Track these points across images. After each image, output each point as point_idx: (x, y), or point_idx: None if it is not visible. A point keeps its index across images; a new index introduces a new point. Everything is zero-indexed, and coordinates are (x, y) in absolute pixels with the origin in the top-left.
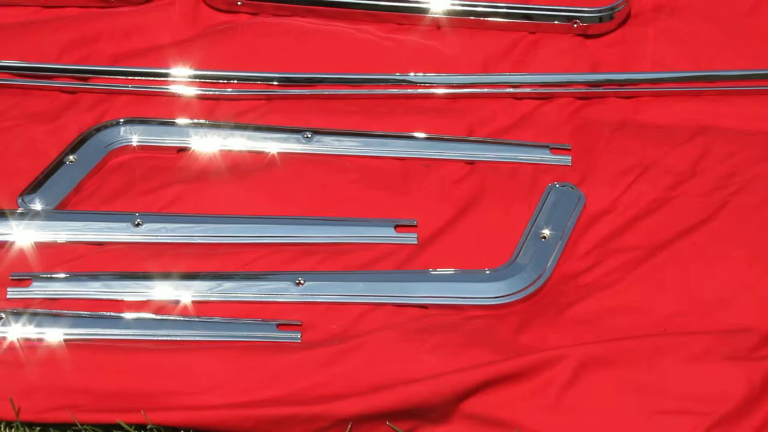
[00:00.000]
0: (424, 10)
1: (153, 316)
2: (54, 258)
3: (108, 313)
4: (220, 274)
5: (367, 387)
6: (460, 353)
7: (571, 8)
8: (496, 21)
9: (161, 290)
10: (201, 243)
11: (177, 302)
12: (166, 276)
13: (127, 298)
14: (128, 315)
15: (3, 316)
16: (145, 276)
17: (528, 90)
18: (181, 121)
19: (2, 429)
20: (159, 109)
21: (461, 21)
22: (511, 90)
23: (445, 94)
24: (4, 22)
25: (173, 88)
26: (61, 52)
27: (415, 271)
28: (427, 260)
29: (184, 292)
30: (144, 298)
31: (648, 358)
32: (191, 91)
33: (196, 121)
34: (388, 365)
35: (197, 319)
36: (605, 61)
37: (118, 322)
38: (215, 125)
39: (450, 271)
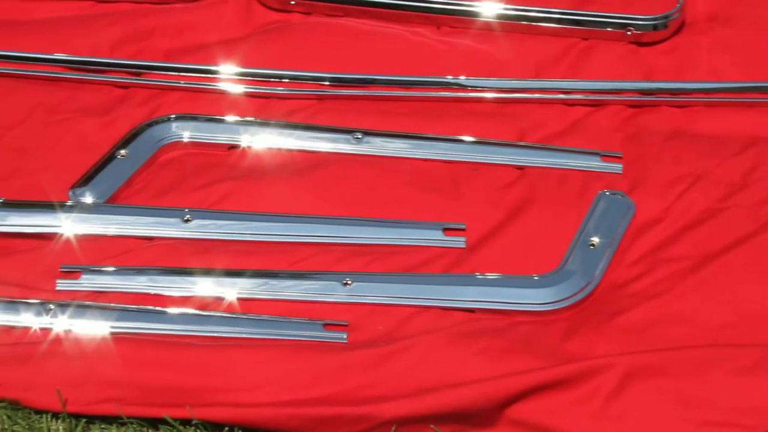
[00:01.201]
0: (477, 14)
1: (200, 312)
2: (103, 251)
3: (155, 308)
4: (267, 272)
5: (412, 389)
6: (506, 358)
7: (626, 15)
8: (550, 26)
9: (208, 286)
10: (250, 240)
11: (224, 299)
12: (213, 272)
13: (174, 294)
14: (175, 310)
15: (52, 307)
16: (193, 272)
17: (580, 96)
18: (232, 118)
19: (49, 420)
20: (210, 105)
21: (514, 25)
22: (562, 96)
23: (496, 98)
24: (58, 16)
25: (224, 86)
26: (114, 46)
27: (462, 275)
28: (474, 264)
29: (232, 289)
30: (191, 294)
31: (696, 370)
32: (242, 89)
33: (247, 118)
34: (434, 368)
35: (244, 317)
36: (658, 70)
37: (165, 317)
38: (266, 123)
39: (498, 275)
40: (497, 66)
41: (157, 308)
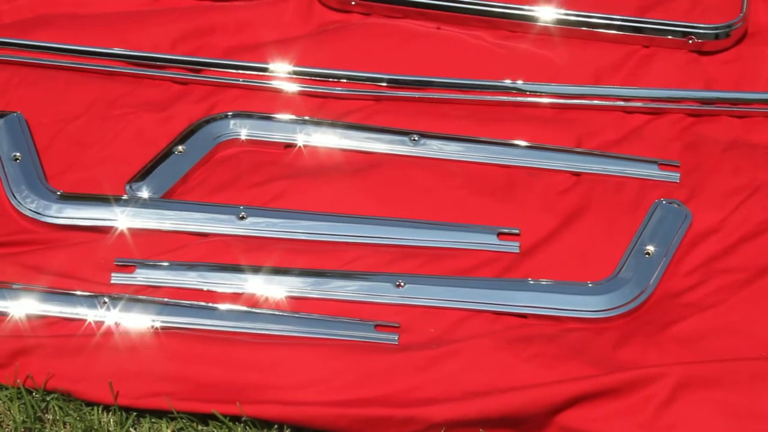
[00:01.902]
0: (537, 19)
1: (252, 309)
2: (157, 246)
3: (208, 304)
4: (320, 272)
5: (462, 393)
6: (557, 365)
7: (687, 24)
8: (610, 33)
9: (260, 284)
10: (303, 239)
11: (275, 297)
12: (266, 270)
13: (226, 291)
14: (227, 307)
15: (106, 300)
16: (245, 269)
17: (639, 104)
18: (289, 117)
19: (99, 412)
20: (268, 104)
21: (574, 31)
22: (621, 103)
23: (554, 103)
24: (119, 11)
25: (282, 84)
26: (174, 42)
27: (515, 280)
28: (528, 269)
29: (283, 287)
30: (242, 291)
31: (748, 382)
32: (300, 88)
33: (303, 118)
34: (485, 372)
35: (295, 315)
36: (719, 79)
37: (217, 313)
38: (323, 123)
39: (551, 281)
40: (556, 71)
41: (210, 304)
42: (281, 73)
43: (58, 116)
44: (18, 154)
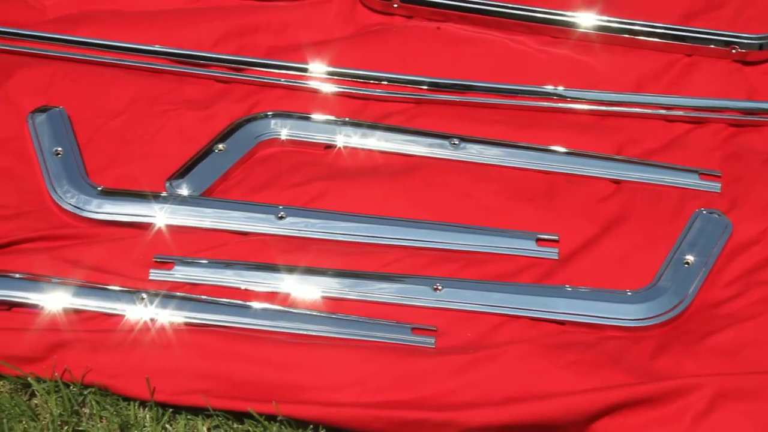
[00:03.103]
0: (579, 25)
1: (288, 309)
2: (196, 244)
3: (245, 303)
4: (358, 273)
5: (498, 398)
6: (594, 373)
7: (731, 33)
8: (653, 41)
9: (298, 284)
10: (341, 240)
11: (312, 297)
12: (304, 270)
13: (263, 290)
14: (264, 306)
15: (144, 296)
16: (283, 269)
17: (680, 113)
18: (329, 118)
19: (136, 408)
20: (308, 104)
21: (616, 38)
22: (663, 112)
23: (595, 110)
24: (163, 8)
25: (323, 85)
26: (217, 41)
27: (553, 287)
28: (566, 276)
29: (321, 288)
30: (280, 291)
31: None
32: (341, 89)
33: (344, 119)
34: (521, 379)
35: (332, 316)
36: (762, 89)
37: (254, 312)
38: (363, 125)
39: (590, 289)
40: (597, 78)
41: (247, 303)
42: (322, 74)
43: (101, 112)
44: (60, 148)
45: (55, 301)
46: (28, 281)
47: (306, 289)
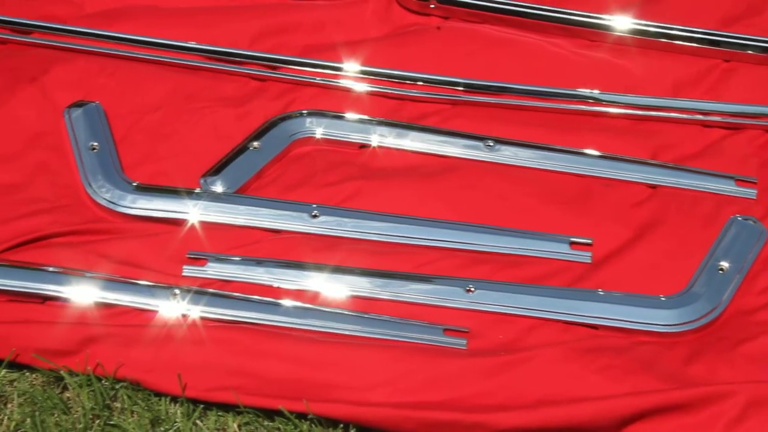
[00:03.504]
0: (617, 29)
1: (320, 307)
2: (230, 241)
3: (278, 301)
4: (390, 273)
5: (530, 401)
6: (626, 378)
7: None
8: (690, 46)
9: (330, 283)
10: (374, 240)
11: (345, 296)
12: (336, 269)
13: (295, 288)
14: (296, 304)
15: (177, 292)
16: (316, 267)
17: (717, 119)
18: (364, 117)
19: (167, 403)
20: (344, 103)
21: (654, 42)
22: (700, 117)
23: (631, 114)
24: (200, 5)
25: (359, 85)
26: (253, 39)
27: (587, 290)
28: (599, 280)
29: (353, 287)
30: (312, 290)
31: None
32: (376, 89)
33: (379, 119)
34: (553, 382)
35: (364, 315)
36: None
37: (286, 310)
38: (398, 125)
39: (623, 293)
40: (634, 82)
41: (279, 301)
42: (357, 74)
43: (136, 107)
44: (95, 143)
45: (88, 295)
46: (62, 275)
47: (338, 288)
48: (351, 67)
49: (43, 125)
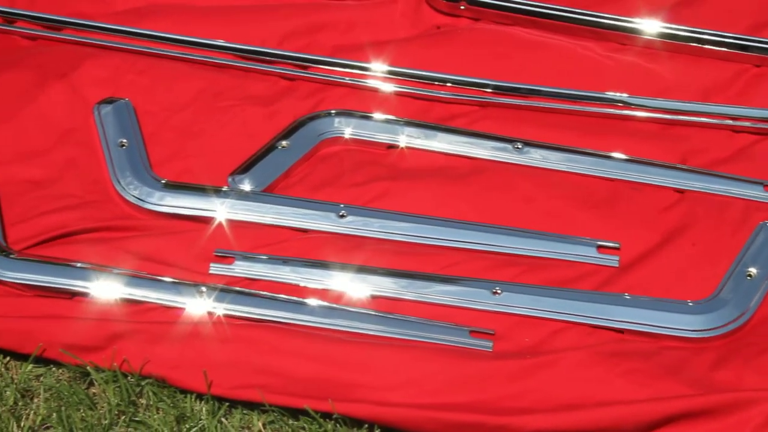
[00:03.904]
0: (647, 33)
1: (346, 307)
2: (257, 239)
3: (303, 300)
4: (417, 274)
5: (555, 405)
6: (652, 383)
7: None
8: (721, 50)
9: (356, 283)
10: (401, 241)
11: (371, 296)
12: (362, 269)
13: (321, 287)
14: (322, 304)
15: (204, 290)
16: (342, 267)
17: (747, 124)
18: (393, 118)
19: (192, 400)
20: (372, 103)
21: (684, 47)
22: (729, 122)
23: (660, 118)
24: (229, 4)
25: (388, 85)
26: (283, 38)
27: (613, 294)
28: (626, 285)
29: (379, 287)
30: (338, 289)
31: None
32: (405, 90)
33: (407, 119)
34: (579, 385)
35: (390, 316)
36: None
37: (312, 309)
38: (427, 126)
39: (650, 298)
40: (664, 86)
41: (305, 300)
42: (387, 74)
43: (165, 105)
44: (124, 140)
45: (115, 291)
46: (90, 271)
47: (363, 288)
48: (380, 67)
49: (72, 121)
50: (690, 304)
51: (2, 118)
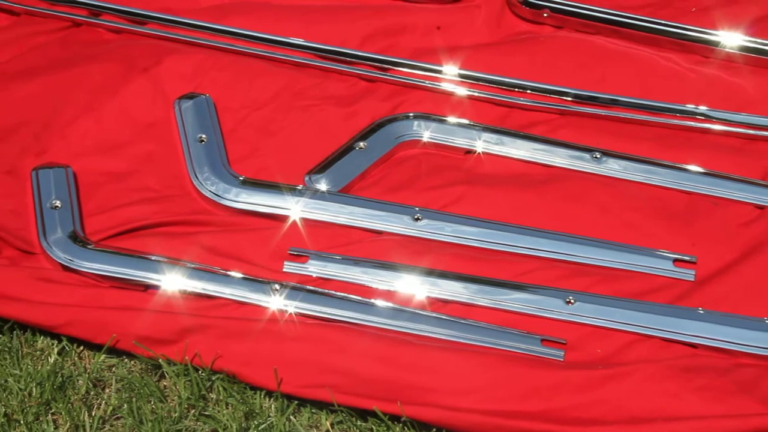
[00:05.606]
0: (732, 46)
1: (417, 311)
2: (331, 239)
3: (376, 301)
4: (490, 280)
5: (625, 417)
6: (726, 399)
7: None
8: None
9: (428, 286)
10: (476, 246)
11: (443, 301)
12: (435, 273)
13: (394, 290)
14: (394, 306)
15: (277, 287)
16: (415, 270)
17: None
18: (471, 123)
19: (262, 397)
20: (451, 108)
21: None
22: None
23: (742, 133)
24: (312, 4)
25: (467, 90)
26: (363, 39)
27: (687, 308)
28: (701, 299)
29: (451, 292)
30: (410, 292)
31: None
32: (485, 96)
33: (486, 125)
34: (650, 399)
35: (461, 321)
36: None
37: (384, 311)
38: (505, 132)
39: (725, 314)
40: (747, 101)
41: (377, 302)
42: (466, 80)
43: (245, 102)
44: (204, 136)
45: (188, 285)
46: (164, 264)
47: (436, 292)
48: (460, 72)
49: (153, 115)
50: (766, 321)
51: (84, 110)
